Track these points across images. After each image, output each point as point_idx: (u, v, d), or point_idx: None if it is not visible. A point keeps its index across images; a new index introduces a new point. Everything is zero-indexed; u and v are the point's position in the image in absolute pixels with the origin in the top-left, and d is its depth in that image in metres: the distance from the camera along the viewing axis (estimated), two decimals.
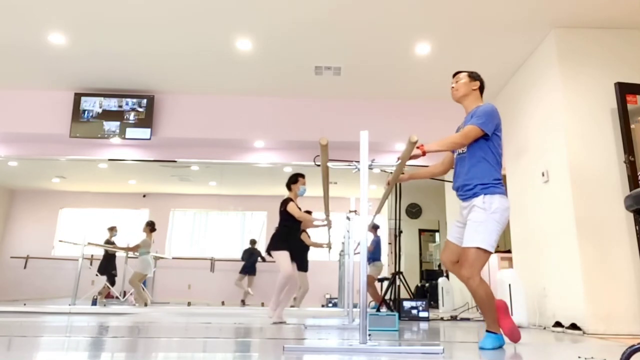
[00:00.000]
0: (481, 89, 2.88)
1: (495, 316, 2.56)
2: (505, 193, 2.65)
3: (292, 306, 6.51)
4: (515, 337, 2.72)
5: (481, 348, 2.50)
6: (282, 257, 4.32)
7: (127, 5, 4.21)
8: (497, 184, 2.63)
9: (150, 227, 7.21)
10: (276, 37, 4.71)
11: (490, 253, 2.54)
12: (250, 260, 8.28)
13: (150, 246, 7.11)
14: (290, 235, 4.50)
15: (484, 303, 2.53)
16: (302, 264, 6.25)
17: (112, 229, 7.91)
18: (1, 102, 5.92)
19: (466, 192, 2.68)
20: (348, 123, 6.00)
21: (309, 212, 5.40)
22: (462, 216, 2.73)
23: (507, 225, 2.65)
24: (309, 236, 6.59)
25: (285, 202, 4.55)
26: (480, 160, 2.67)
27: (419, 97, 6.02)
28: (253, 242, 8.48)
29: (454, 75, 2.93)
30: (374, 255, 6.95)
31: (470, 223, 2.58)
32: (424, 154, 2.52)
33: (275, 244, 4.40)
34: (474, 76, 2.88)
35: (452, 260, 2.73)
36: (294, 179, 4.64)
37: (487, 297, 2.52)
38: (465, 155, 2.72)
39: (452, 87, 2.90)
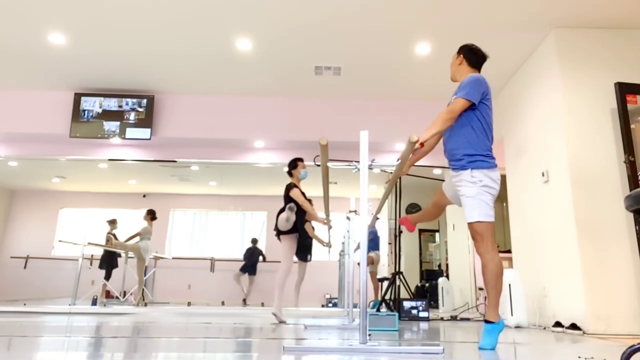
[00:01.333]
0: (472, 60, 2.83)
1: (497, 299, 2.53)
2: (494, 165, 2.62)
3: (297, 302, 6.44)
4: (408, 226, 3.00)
5: (481, 348, 2.50)
6: (288, 240, 4.35)
7: (127, 5, 4.21)
8: (485, 157, 2.61)
9: (151, 215, 7.21)
10: (276, 37, 4.71)
11: (492, 222, 2.56)
12: (251, 260, 8.26)
13: (150, 233, 7.11)
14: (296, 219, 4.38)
15: (491, 278, 2.51)
16: (302, 254, 6.13)
17: (113, 222, 7.87)
18: (1, 102, 5.92)
19: (454, 163, 2.69)
20: (348, 123, 6.00)
21: (310, 202, 5.35)
22: (451, 181, 2.76)
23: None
24: (313, 228, 6.48)
25: (288, 187, 4.49)
26: (464, 127, 2.66)
27: (419, 97, 6.02)
28: (254, 241, 8.46)
29: None
30: (369, 245, 6.88)
31: (464, 199, 2.60)
32: (422, 145, 2.52)
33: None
34: (461, 51, 2.88)
35: (436, 202, 2.99)
36: (294, 164, 4.59)
37: (495, 274, 2.50)
38: None
39: None
